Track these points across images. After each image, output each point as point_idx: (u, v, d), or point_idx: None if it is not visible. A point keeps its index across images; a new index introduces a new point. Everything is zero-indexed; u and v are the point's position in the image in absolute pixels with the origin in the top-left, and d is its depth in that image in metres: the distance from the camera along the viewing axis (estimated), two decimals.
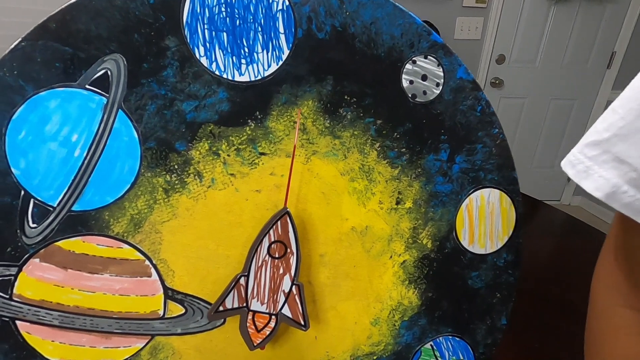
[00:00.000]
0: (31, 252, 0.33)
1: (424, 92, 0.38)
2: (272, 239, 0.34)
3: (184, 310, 0.37)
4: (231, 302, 0.34)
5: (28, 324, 0.34)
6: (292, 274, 0.35)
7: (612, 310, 0.32)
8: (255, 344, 0.36)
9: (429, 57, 0.38)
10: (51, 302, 0.34)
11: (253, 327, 0.35)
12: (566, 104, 2.36)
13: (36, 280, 0.33)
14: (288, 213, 0.34)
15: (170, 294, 0.36)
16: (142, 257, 0.35)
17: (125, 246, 0.35)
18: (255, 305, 0.35)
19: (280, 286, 0.35)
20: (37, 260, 0.33)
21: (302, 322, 0.36)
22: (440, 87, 0.39)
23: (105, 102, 0.32)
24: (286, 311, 0.35)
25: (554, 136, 2.44)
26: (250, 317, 0.35)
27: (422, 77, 0.38)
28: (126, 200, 0.34)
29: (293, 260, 0.35)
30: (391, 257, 0.41)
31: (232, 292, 0.34)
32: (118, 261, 0.35)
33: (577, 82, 2.31)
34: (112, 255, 0.34)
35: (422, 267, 0.42)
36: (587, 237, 1.05)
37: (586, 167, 0.28)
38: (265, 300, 0.35)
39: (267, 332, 0.36)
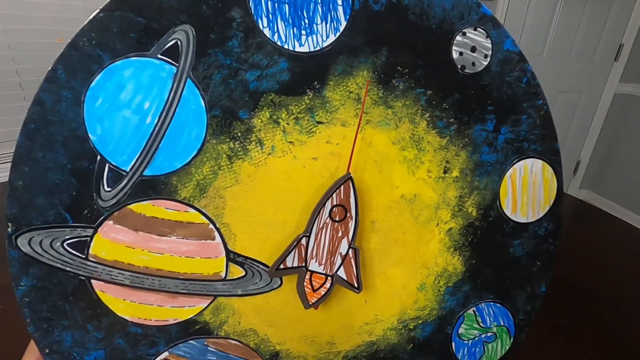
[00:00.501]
0: (106, 214, 0.35)
1: (473, 64, 0.40)
2: (335, 203, 0.36)
3: (244, 273, 0.39)
4: (292, 260, 0.36)
5: (102, 283, 0.36)
6: (350, 238, 0.37)
7: None
8: (310, 303, 0.38)
9: (478, 29, 0.39)
10: (123, 262, 0.36)
11: (310, 286, 0.37)
12: (573, 97, 2.35)
13: (110, 242, 0.35)
14: (351, 179, 0.36)
15: (232, 257, 0.38)
16: (206, 220, 0.37)
17: (191, 210, 0.36)
18: (313, 265, 0.37)
19: (338, 249, 0.37)
20: (111, 222, 0.35)
21: (356, 285, 0.38)
22: (488, 59, 0.40)
23: (175, 71, 0.34)
24: (341, 273, 0.37)
25: (561, 130, 2.41)
26: (308, 276, 0.37)
27: (472, 48, 0.39)
28: (193, 166, 0.36)
29: (351, 225, 0.37)
30: (438, 224, 0.42)
31: (294, 251, 0.36)
32: (184, 224, 0.36)
33: (584, 75, 2.29)
34: (179, 218, 0.36)
35: (466, 234, 0.43)
36: (596, 221, 1.06)
37: None
38: (323, 262, 0.37)
39: (322, 293, 0.38)
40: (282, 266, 0.36)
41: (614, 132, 2.43)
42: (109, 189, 0.35)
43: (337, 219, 0.37)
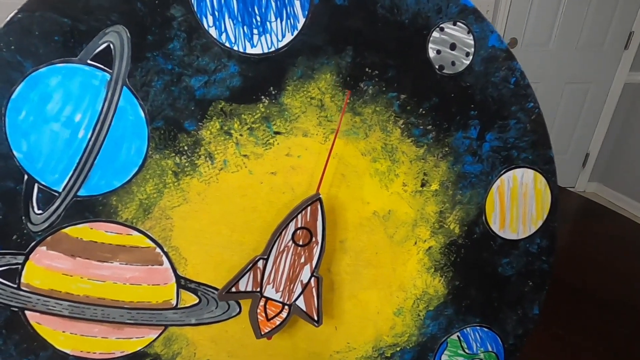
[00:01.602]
0: (38, 239, 0.31)
1: (453, 63, 0.35)
2: (299, 225, 0.32)
3: (197, 300, 0.35)
4: (245, 284, 0.32)
5: (38, 314, 0.32)
6: (313, 265, 0.33)
7: None
8: (262, 333, 0.34)
9: (458, 23, 0.34)
10: (60, 291, 0.32)
11: (263, 314, 0.33)
12: (581, 87, 2.27)
13: (44, 269, 0.32)
14: (320, 200, 0.32)
15: (183, 283, 0.34)
16: (152, 244, 0.33)
17: (135, 233, 0.33)
18: (269, 291, 0.33)
19: (299, 276, 0.33)
20: (44, 248, 0.31)
21: (316, 318, 0.34)
22: (471, 57, 0.35)
23: (108, 79, 0.30)
24: (300, 303, 0.33)
25: (569, 121, 2.35)
26: (262, 303, 0.33)
27: (451, 46, 0.35)
28: (134, 185, 0.32)
29: (316, 251, 0.33)
30: (416, 243, 0.38)
31: (248, 274, 0.32)
32: (128, 249, 0.33)
33: (593, 65, 2.21)
34: (122, 242, 0.33)
35: (449, 253, 0.39)
36: (605, 221, 1.01)
37: None
38: (281, 289, 0.33)
39: (277, 322, 0.34)
40: (233, 289, 0.32)
41: (624, 123, 2.34)
42: (39, 212, 0.31)
43: (300, 243, 0.33)
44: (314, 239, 0.33)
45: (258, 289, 0.33)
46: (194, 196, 0.33)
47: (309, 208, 0.33)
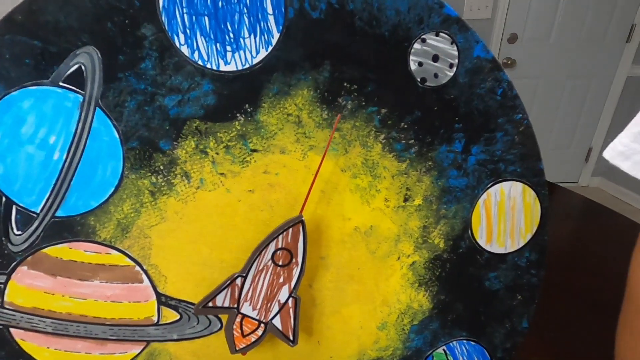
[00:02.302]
0: (18, 259, 0.32)
1: (435, 75, 0.34)
2: (280, 246, 0.32)
3: (179, 316, 0.35)
4: (222, 300, 0.32)
5: (22, 331, 0.33)
6: (292, 286, 0.33)
7: None
8: (237, 348, 0.34)
9: (441, 34, 0.33)
10: (43, 309, 0.33)
11: (239, 330, 0.33)
12: (583, 82, 2.20)
13: (26, 288, 0.32)
14: (302, 222, 0.32)
15: (164, 300, 0.35)
16: (132, 262, 0.33)
17: (114, 252, 0.33)
18: (246, 308, 0.33)
19: (276, 295, 0.33)
20: (25, 267, 0.32)
21: (291, 338, 0.34)
22: (454, 69, 0.34)
23: (81, 100, 0.30)
24: (277, 322, 0.33)
25: (571, 116, 2.29)
26: (238, 319, 0.33)
27: (433, 57, 0.34)
28: (111, 205, 0.32)
29: (296, 272, 0.32)
30: (399, 258, 0.37)
31: (226, 290, 0.32)
32: (107, 267, 0.33)
33: (595, 59, 2.14)
34: (101, 261, 0.33)
35: (433, 268, 0.38)
36: (606, 221, 0.98)
37: None
38: (258, 307, 0.33)
39: (252, 339, 0.34)
40: (210, 304, 0.32)
41: (626, 116, 2.26)
42: (19, 233, 0.31)
43: (280, 263, 0.33)
44: (294, 260, 0.33)
45: (235, 306, 0.33)
46: (171, 215, 0.33)
47: (290, 230, 0.32)
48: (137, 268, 0.34)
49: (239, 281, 0.33)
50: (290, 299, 0.33)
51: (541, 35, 2.07)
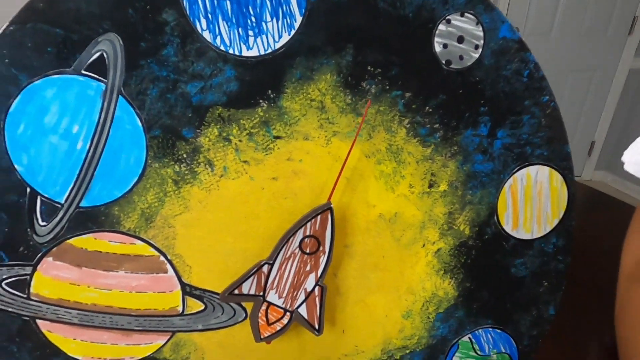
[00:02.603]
0: (44, 250, 0.32)
1: (460, 57, 0.33)
2: (308, 233, 0.31)
3: (203, 306, 0.35)
4: (248, 287, 0.32)
5: (48, 322, 0.33)
6: (319, 274, 0.32)
7: None
8: (262, 337, 0.34)
9: (466, 14, 0.32)
10: (69, 300, 0.33)
11: (264, 318, 0.33)
12: (585, 75, 2.18)
13: (52, 279, 0.32)
14: (331, 210, 0.31)
15: (188, 290, 0.34)
16: (156, 252, 0.33)
17: (138, 242, 0.33)
18: (272, 296, 0.33)
19: (303, 283, 0.32)
20: (51, 259, 0.32)
21: (317, 327, 0.33)
22: (480, 50, 0.33)
23: (104, 88, 0.30)
24: (302, 310, 0.33)
25: (573, 110, 2.26)
26: (264, 307, 0.33)
27: (458, 39, 0.33)
28: (135, 194, 0.32)
29: (323, 260, 0.32)
30: (424, 245, 0.37)
31: (252, 277, 0.32)
32: (132, 258, 0.33)
33: (597, 52, 2.11)
34: (126, 251, 0.33)
35: (459, 255, 0.38)
36: (612, 211, 0.96)
37: None
38: (284, 295, 0.33)
39: (278, 328, 0.34)
40: (236, 291, 0.32)
41: (629, 109, 2.24)
42: (44, 224, 0.31)
43: (307, 251, 0.32)
44: (321, 248, 0.32)
45: (261, 293, 0.33)
46: (195, 204, 0.33)
47: (319, 217, 0.32)
48: (162, 258, 0.33)
49: (265, 269, 0.33)
50: (317, 288, 0.32)
51: (542, 29, 2.05)
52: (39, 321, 0.33)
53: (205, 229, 0.33)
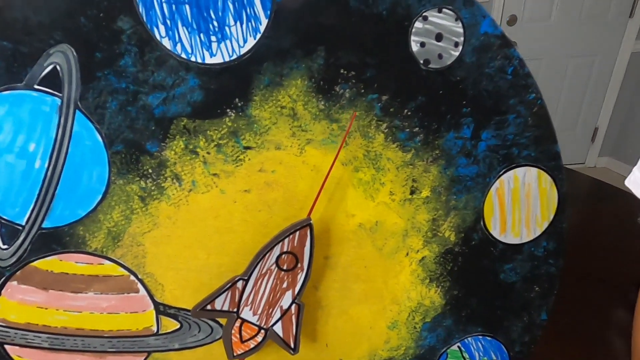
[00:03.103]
0: (7, 274, 0.30)
1: (440, 56, 0.31)
2: (285, 249, 0.30)
3: (179, 325, 0.34)
4: (221, 303, 0.31)
5: (18, 347, 0.32)
6: (296, 291, 0.31)
7: None
8: (235, 354, 0.32)
9: (444, 10, 0.30)
10: (37, 324, 0.32)
11: (238, 335, 0.32)
12: (586, 61, 2.14)
13: (18, 304, 0.31)
14: (310, 226, 0.30)
15: (162, 309, 0.33)
16: (126, 272, 0.32)
17: (107, 262, 0.31)
18: (246, 313, 0.31)
19: (279, 301, 0.31)
20: (15, 282, 0.30)
21: (292, 345, 0.32)
22: (460, 48, 0.31)
23: (59, 103, 0.28)
24: (278, 328, 0.31)
25: (575, 96, 2.22)
26: (238, 324, 0.32)
27: (437, 36, 0.31)
28: (100, 213, 0.30)
29: (301, 277, 0.31)
30: (407, 254, 0.35)
31: (226, 293, 0.31)
32: (101, 278, 0.31)
33: (597, 36, 2.07)
34: (94, 272, 0.31)
35: (444, 263, 0.36)
36: (616, 201, 0.94)
37: None
38: (259, 312, 0.31)
39: (251, 345, 0.32)
40: (209, 307, 0.31)
41: (632, 94, 2.20)
42: (5, 247, 0.30)
43: (284, 267, 0.31)
44: (299, 265, 0.31)
45: (235, 310, 0.31)
46: (164, 220, 0.31)
47: (297, 233, 0.31)
48: (132, 277, 0.32)
49: (240, 284, 0.31)
50: (294, 305, 0.31)
51: (541, 15, 2.00)
52: (7, 346, 0.32)
53: (176, 246, 0.32)
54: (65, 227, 0.30)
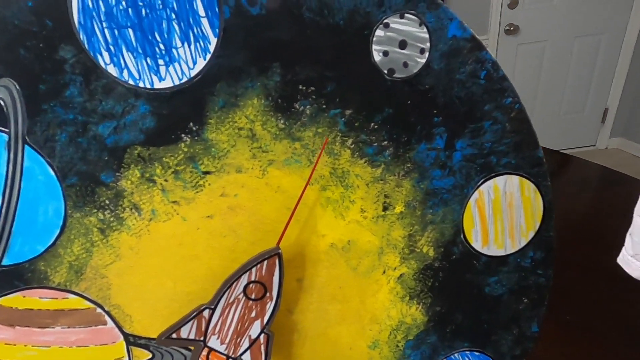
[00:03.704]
0: None
1: (405, 64, 0.29)
2: (253, 278, 0.29)
3: (151, 355, 0.33)
4: (187, 331, 0.30)
5: None
6: (265, 321, 0.30)
7: None
8: None
9: (406, 15, 0.28)
10: None
11: None
12: (593, 40, 2.05)
13: None
14: (279, 255, 0.29)
15: (132, 340, 0.32)
16: (92, 305, 0.31)
17: (71, 296, 0.31)
18: (213, 342, 0.30)
19: (247, 330, 0.30)
20: None
21: None
22: (427, 54, 0.29)
23: (6, 139, 0.27)
24: (246, 358, 0.30)
25: (583, 77, 2.14)
26: (204, 353, 0.31)
27: (400, 44, 0.29)
28: (60, 247, 0.29)
29: (270, 307, 0.30)
30: (384, 272, 0.34)
31: (192, 322, 0.30)
32: (67, 312, 0.31)
33: (603, 14, 1.98)
34: (59, 307, 0.31)
35: (424, 279, 0.34)
36: (626, 189, 0.91)
37: None
38: (227, 341, 0.30)
39: None
40: (174, 335, 0.30)
41: None
42: None
43: (252, 297, 0.30)
44: (268, 294, 0.30)
45: (201, 338, 0.30)
46: (126, 251, 0.30)
47: (265, 262, 0.29)
48: (99, 310, 0.31)
49: (206, 313, 0.30)
50: (263, 335, 0.30)
51: None
52: None
53: (141, 276, 0.31)
54: (25, 263, 0.29)
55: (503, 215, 0.34)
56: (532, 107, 2.14)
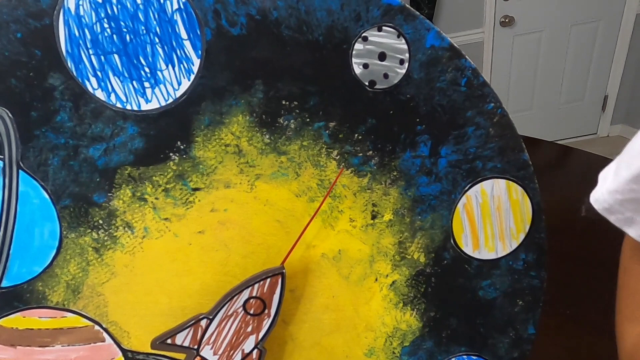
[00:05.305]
0: None
1: (385, 76, 0.30)
2: (254, 294, 0.30)
3: None
4: (183, 339, 0.30)
5: None
6: (260, 337, 0.30)
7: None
8: None
9: (384, 28, 0.29)
10: None
11: None
12: (589, 27, 2.03)
13: None
14: (283, 275, 0.29)
15: (131, 356, 0.33)
16: (90, 322, 0.32)
17: (69, 314, 0.31)
18: (207, 352, 0.31)
19: (241, 344, 0.30)
20: None
21: None
22: (406, 65, 0.30)
23: (1, 165, 0.28)
24: None
25: (581, 65, 2.12)
26: None
27: (380, 56, 0.29)
28: (56, 267, 0.30)
29: (266, 323, 0.30)
30: (377, 279, 0.34)
31: (189, 329, 0.30)
32: (66, 331, 0.31)
33: (598, 0, 1.96)
34: (58, 325, 0.31)
35: (417, 285, 0.35)
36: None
37: None
38: (220, 352, 0.31)
39: None
40: (169, 341, 0.30)
41: None
42: None
43: (251, 311, 0.30)
44: (266, 311, 0.30)
45: (195, 347, 0.31)
46: (121, 269, 0.31)
47: (268, 280, 0.30)
48: (97, 327, 0.32)
49: (203, 322, 0.31)
50: (255, 350, 0.30)
51: None
52: None
53: (136, 293, 0.32)
54: (24, 284, 0.30)
55: (492, 219, 0.34)
56: (531, 98, 2.12)
